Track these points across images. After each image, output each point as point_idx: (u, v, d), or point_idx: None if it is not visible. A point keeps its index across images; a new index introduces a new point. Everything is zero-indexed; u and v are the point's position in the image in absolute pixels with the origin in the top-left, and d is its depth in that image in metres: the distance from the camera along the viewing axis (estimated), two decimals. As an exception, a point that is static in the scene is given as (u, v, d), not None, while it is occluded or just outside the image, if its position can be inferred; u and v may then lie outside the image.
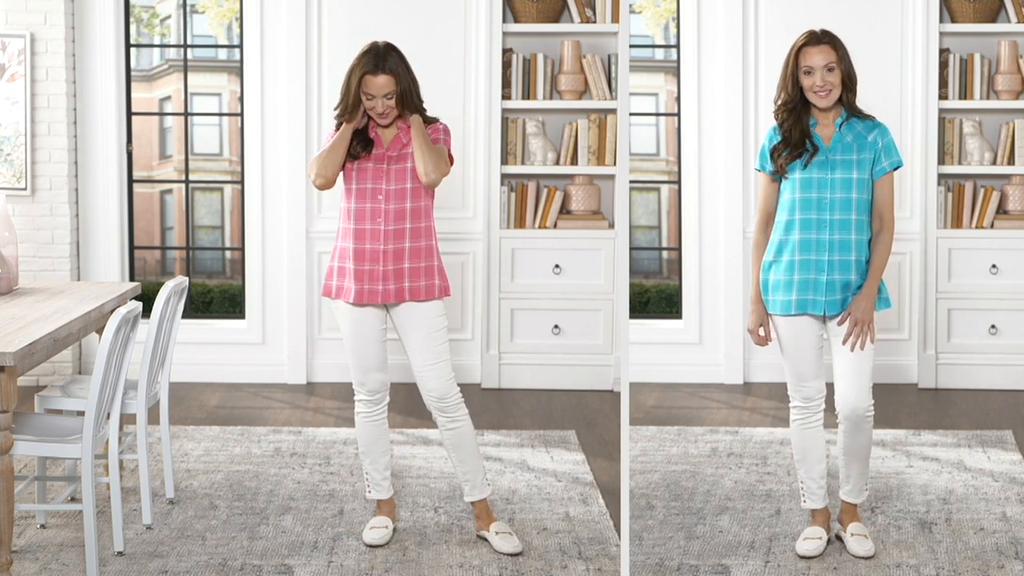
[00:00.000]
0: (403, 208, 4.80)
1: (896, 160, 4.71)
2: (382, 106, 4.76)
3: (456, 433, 4.90)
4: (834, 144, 4.70)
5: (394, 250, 4.81)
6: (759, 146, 7.49)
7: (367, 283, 4.83)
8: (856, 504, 4.90)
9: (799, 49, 4.68)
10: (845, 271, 4.70)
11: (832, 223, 4.69)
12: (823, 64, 4.64)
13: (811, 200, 4.70)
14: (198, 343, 7.61)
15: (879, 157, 4.69)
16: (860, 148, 4.69)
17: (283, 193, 7.60)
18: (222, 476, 5.74)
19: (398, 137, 4.85)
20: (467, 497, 4.97)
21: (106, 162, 7.61)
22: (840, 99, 4.70)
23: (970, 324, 7.41)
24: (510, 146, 7.52)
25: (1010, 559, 4.76)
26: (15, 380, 4.39)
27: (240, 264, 7.85)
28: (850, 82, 4.69)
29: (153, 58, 8.76)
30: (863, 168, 4.69)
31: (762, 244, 4.82)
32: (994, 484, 5.59)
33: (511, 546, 4.85)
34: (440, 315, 4.88)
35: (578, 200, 7.52)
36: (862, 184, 4.69)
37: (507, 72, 7.48)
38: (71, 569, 4.66)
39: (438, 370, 4.86)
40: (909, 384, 7.48)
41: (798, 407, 4.82)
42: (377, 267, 4.82)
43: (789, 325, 4.76)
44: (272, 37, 7.57)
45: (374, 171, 4.82)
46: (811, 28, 4.76)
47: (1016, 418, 6.75)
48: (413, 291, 4.82)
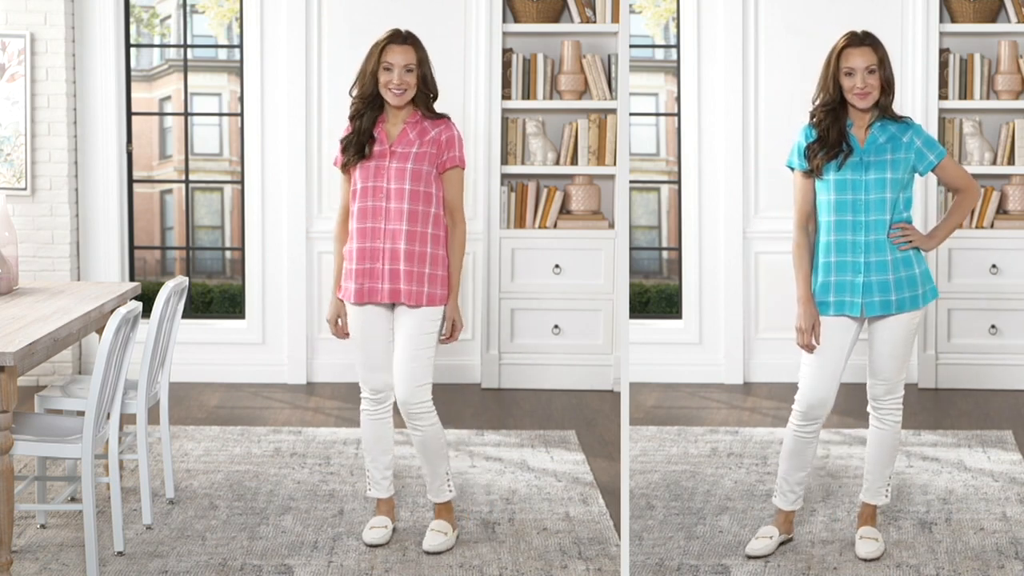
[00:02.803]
0: (401, 208, 4.77)
1: (940, 151, 4.73)
2: (399, 78, 4.72)
3: (419, 439, 4.87)
4: (868, 145, 4.69)
5: (391, 249, 4.78)
6: (759, 146, 7.52)
7: (367, 281, 4.82)
8: (874, 506, 4.89)
9: (841, 51, 4.66)
10: (882, 271, 4.69)
11: (867, 224, 4.67)
12: (864, 66, 4.63)
13: (846, 202, 4.68)
14: (198, 343, 7.61)
15: (922, 154, 4.69)
16: (895, 148, 4.68)
17: (283, 193, 7.60)
18: (222, 476, 5.74)
19: (404, 132, 4.79)
20: (428, 495, 5.00)
21: (106, 162, 7.61)
22: (876, 102, 4.68)
23: (970, 324, 7.41)
24: (510, 146, 7.52)
25: (1010, 559, 4.76)
26: (15, 380, 4.39)
27: (240, 264, 7.85)
28: (888, 86, 4.68)
29: (153, 58, 8.76)
30: (897, 168, 4.68)
31: (802, 243, 4.76)
32: (994, 484, 5.59)
33: (429, 543, 4.84)
34: (428, 320, 4.80)
35: (578, 200, 7.52)
36: (896, 184, 4.68)
37: (507, 72, 7.48)
38: (71, 569, 4.66)
39: (408, 374, 4.79)
40: (909, 384, 7.47)
41: (799, 414, 4.79)
42: (376, 265, 4.80)
43: (827, 326, 4.74)
44: (272, 37, 7.57)
45: (376, 169, 4.79)
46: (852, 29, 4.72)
47: (1016, 418, 6.75)
48: (406, 294, 4.79)
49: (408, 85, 4.75)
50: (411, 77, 4.75)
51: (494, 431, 6.53)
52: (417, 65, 4.76)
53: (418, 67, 4.76)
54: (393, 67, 4.73)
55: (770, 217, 7.45)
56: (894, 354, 4.75)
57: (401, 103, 4.78)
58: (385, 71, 4.74)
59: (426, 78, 4.78)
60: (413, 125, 4.80)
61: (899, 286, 4.70)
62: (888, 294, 4.70)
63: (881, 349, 4.75)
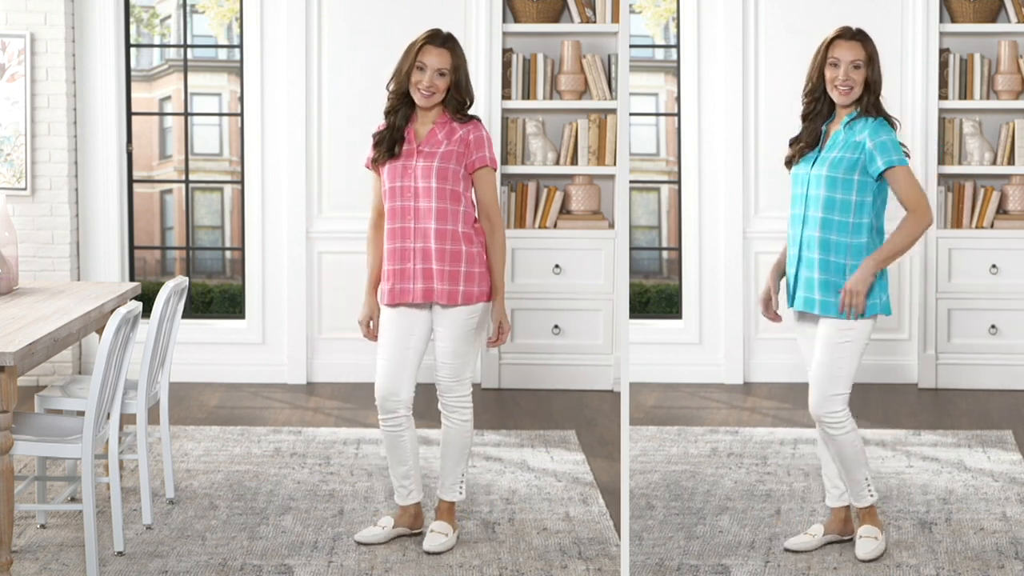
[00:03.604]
0: (429, 207, 4.72)
1: (893, 160, 4.55)
2: (429, 80, 4.68)
3: (448, 430, 4.91)
4: (830, 141, 4.65)
5: (422, 249, 4.75)
6: (759, 146, 7.52)
7: (398, 282, 4.79)
8: (860, 507, 4.83)
9: (830, 41, 4.64)
10: (810, 268, 4.63)
11: (806, 219, 4.65)
12: (850, 60, 4.59)
13: (796, 196, 4.70)
14: (198, 343, 7.61)
15: (872, 156, 4.57)
16: (844, 147, 4.60)
17: (283, 193, 7.60)
18: (222, 476, 5.75)
19: (432, 132, 4.76)
20: (437, 491, 4.99)
21: (106, 162, 7.61)
22: (861, 99, 4.63)
23: (970, 324, 7.41)
24: (510, 146, 7.52)
25: (1010, 559, 4.76)
26: (15, 380, 4.39)
27: (240, 264, 7.85)
28: (873, 85, 4.61)
29: (153, 58, 8.76)
30: (838, 167, 4.58)
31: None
32: (994, 484, 5.59)
33: (430, 544, 4.83)
34: (466, 318, 4.78)
35: (578, 200, 7.52)
36: (836, 183, 4.58)
37: (507, 72, 7.48)
38: (71, 569, 4.66)
39: (449, 370, 4.84)
40: (909, 384, 7.48)
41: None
42: (407, 265, 4.77)
43: (788, 318, 4.83)
44: (272, 37, 7.57)
45: (403, 169, 4.75)
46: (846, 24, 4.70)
47: (1016, 418, 6.75)
48: (439, 293, 4.75)
49: (437, 89, 4.71)
50: (442, 81, 4.71)
51: (494, 431, 6.53)
52: (452, 71, 4.71)
53: (452, 72, 4.71)
54: (426, 68, 4.69)
55: (770, 217, 7.45)
56: (821, 360, 4.64)
57: (428, 105, 4.74)
58: (418, 71, 4.70)
59: (460, 84, 4.73)
60: (441, 126, 4.77)
61: (824, 288, 4.62)
62: (812, 292, 4.64)
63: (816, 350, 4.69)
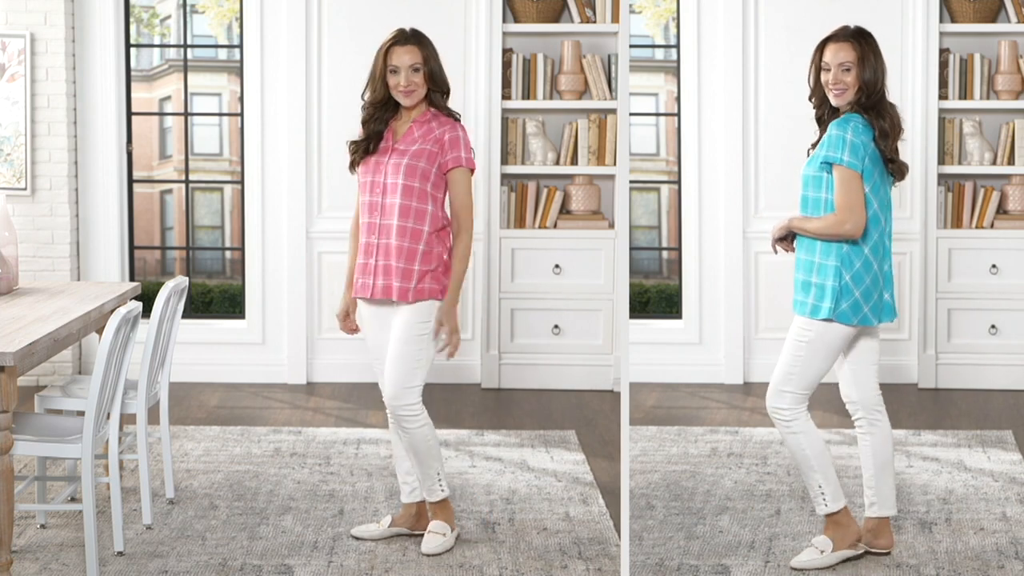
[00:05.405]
0: (394, 203, 4.71)
1: (832, 157, 4.46)
2: (406, 80, 4.67)
3: (407, 441, 4.80)
4: (822, 141, 4.65)
5: (384, 245, 4.73)
6: (759, 146, 7.52)
7: (361, 276, 4.81)
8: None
9: (823, 44, 4.57)
10: (800, 269, 4.62)
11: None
12: (838, 63, 4.50)
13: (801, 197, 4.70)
14: (198, 343, 7.61)
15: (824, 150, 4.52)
16: (821, 145, 4.56)
17: (283, 193, 7.60)
18: (222, 476, 5.74)
19: (410, 130, 4.76)
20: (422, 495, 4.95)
21: (106, 162, 7.61)
22: (859, 100, 4.53)
23: (970, 324, 7.41)
24: (510, 146, 7.52)
25: (1010, 559, 4.76)
26: (15, 380, 4.39)
27: (240, 264, 7.85)
28: (867, 86, 4.50)
29: (153, 58, 8.77)
30: (811, 164, 4.56)
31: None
32: (994, 484, 5.59)
33: (428, 546, 4.81)
34: (417, 318, 4.70)
35: (578, 200, 7.52)
36: (819, 182, 4.54)
37: (507, 72, 7.48)
38: (71, 569, 4.66)
39: (393, 375, 4.73)
40: (909, 384, 7.48)
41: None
42: (370, 261, 4.77)
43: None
44: (272, 37, 7.57)
45: (376, 164, 4.76)
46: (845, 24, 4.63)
47: (1016, 418, 6.75)
48: (397, 291, 4.72)
49: (416, 85, 4.71)
50: (418, 77, 4.71)
51: (494, 431, 6.53)
52: (423, 63, 4.70)
53: (424, 65, 4.70)
54: (399, 69, 4.69)
55: (770, 217, 7.44)
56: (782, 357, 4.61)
57: (412, 103, 4.74)
58: (392, 74, 4.70)
59: (434, 75, 4.72)
60: (420, 124, 4.76)
61: (803, 287, 4.61)
62: (796, 292, 4.64)
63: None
